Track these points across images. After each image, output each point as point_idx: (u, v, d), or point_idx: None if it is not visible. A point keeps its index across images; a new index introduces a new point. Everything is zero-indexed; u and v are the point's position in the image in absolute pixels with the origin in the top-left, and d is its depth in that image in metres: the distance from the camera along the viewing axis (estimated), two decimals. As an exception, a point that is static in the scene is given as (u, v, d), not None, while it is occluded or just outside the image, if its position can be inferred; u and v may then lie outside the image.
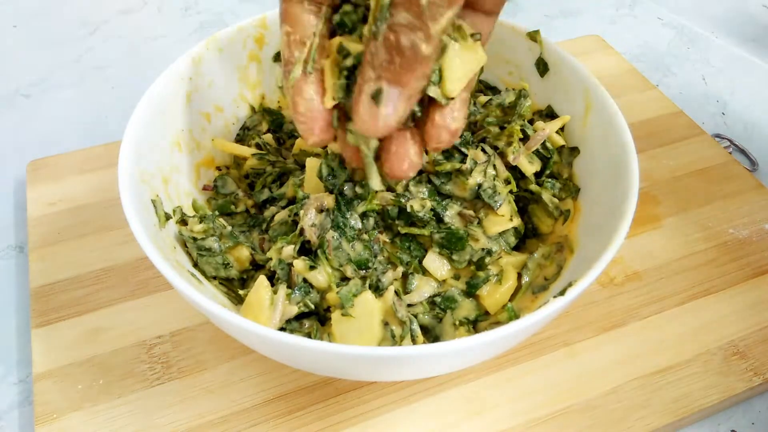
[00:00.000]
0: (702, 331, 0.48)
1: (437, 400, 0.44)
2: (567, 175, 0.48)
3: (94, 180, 0.57)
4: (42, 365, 0.45)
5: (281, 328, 0.40)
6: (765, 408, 0.46)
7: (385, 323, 0.39)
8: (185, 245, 0.43)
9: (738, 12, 0.85)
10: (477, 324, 0.43)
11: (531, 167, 0.46)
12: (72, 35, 0.79)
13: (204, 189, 0.49)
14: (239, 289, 0.43)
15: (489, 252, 0.43)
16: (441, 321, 0.43)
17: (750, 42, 0.80)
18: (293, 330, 0.41)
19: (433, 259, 0.43)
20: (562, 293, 0.36)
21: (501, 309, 0.43)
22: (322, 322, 0.42)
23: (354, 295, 0.40)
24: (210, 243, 0.43)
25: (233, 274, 0.44)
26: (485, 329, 0.41)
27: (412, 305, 0.43)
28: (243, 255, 0.44)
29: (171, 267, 0.35)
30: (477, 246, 0.43)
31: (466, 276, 0.44)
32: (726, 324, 0.48)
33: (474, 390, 0.44)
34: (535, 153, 0.47)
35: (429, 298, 0.43)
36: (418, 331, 0.40)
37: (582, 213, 0.45)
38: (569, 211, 0.46)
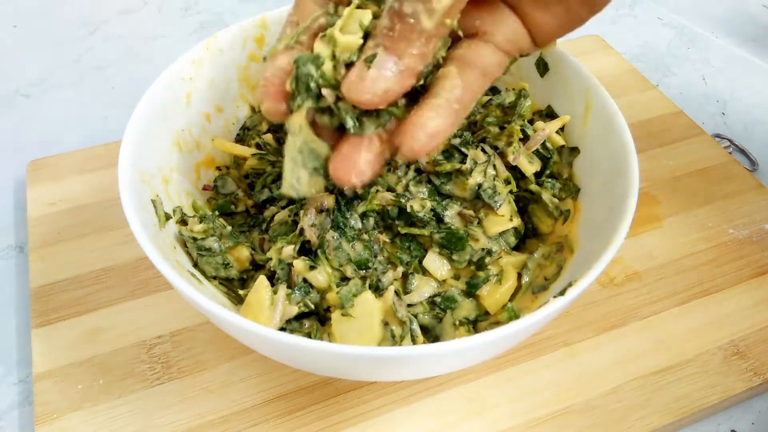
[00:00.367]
0: (702, 331, 0.48)
1: (437, 400, 0.44)
2: (567, 175, 0.48)
3: (94, 180, 0.57)
4: (42, 365, 0.45)
5: (281, 328, 0.40)
6: (765, 408, 0.46)
7: (385, 323, 0.39)
8: (185, 245, 0.43)
9: (738, 12, 0.85)
10: (477, 324, 0.43)
11: (531, 167, 0.46)
12: (72, 35, 0.79)
13: (204, 189, 0.49)
14: (239, 289, 0.43)
15: (489, 252, 0.43)
16: (441, 321, 0.43)
17: (750, 42, 0.80)
18: (293, 330, 0.41)
19: (433, 259, 0.43)
20: (562, 293, 0.36)
21: (501, 309, 0.43)
22: (322, 322, 0.42)
23: (354, 295, 0.40)
24: (210, 243, 0.43)
25: (233, 274, 0.44)
26: (485, 329, 0.41)
27: (412, 305, 0.43)
28: (243, 255, 0.44)
29: (171, 267, 0.35)
30: (477, 246, 0.43)
31: (466, 276, 0.44)
32: (726, 324, 0.48)
33: (474, 390, 0.44)
34: (535, 153, 0.47)
35: (429, 298, 0.43)
36: (418, 331, 0.40)
37: (582, 213, 0.45)
38: (569, 211, 0.46)
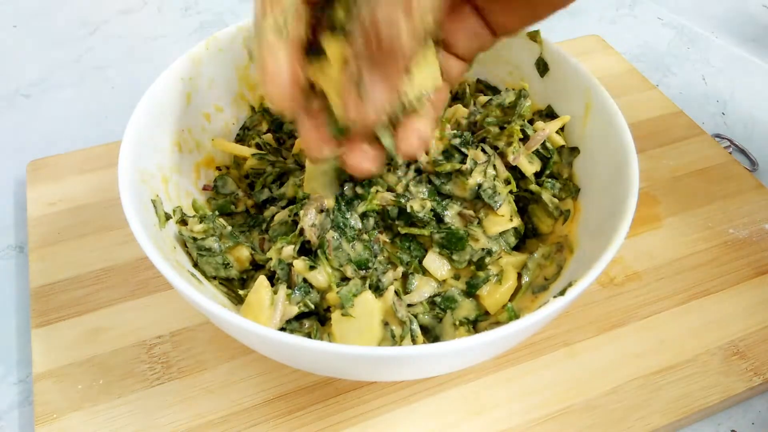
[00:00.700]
0: (702, 331, 0.48)
1: (437, 400, 0.44)
2: (567, 175, 0.48)
3: (94, 180, 0.57)
4: (42, 365, 0.45)
5: (281, 328, 0.40)
6: (765, 408, 0.47)
7: (385, 323, 0.39)
8: (185, 245, 0.43)
9: (738, 12, 0.85)
10: (477, 324, 0.43)
11: (531, 167, 0.46)
12: (72, 35, 0.79)
13: (204, 189, 0.49)
14: (239, 289, 0.43)
15: (489, 252, 0.43)
16: (441, 321, 0.43)
17: (750, 42, 0.80)
18: (293, 330, 0.41)
19: (433, 259, 0.43)
20: (562, 293, 0.36)
21: (501, 309, 0.43)
22: (322, 322, 0.42)
23: (354, 295, 0.40)
24: (210, 243, 0.43)
25: (233, 274, 0.44)
26: (485, 329, 0.41)
27: (412, 305, 0.43)
28: (243, 255, 0.44)
29: (171, 267, 0.35)
30: (477, 246, 0.43)
31: (466, 276, 0.44)
32: (726, 324, 0.48)
33: (474, 390, 0.44)
34: (535, 153, 0.47)
35: (429, 298, 0.43)
36: (418, 331, 0.40)
37: (582, 213, 0.45)
38: (569, 211, 0.46)
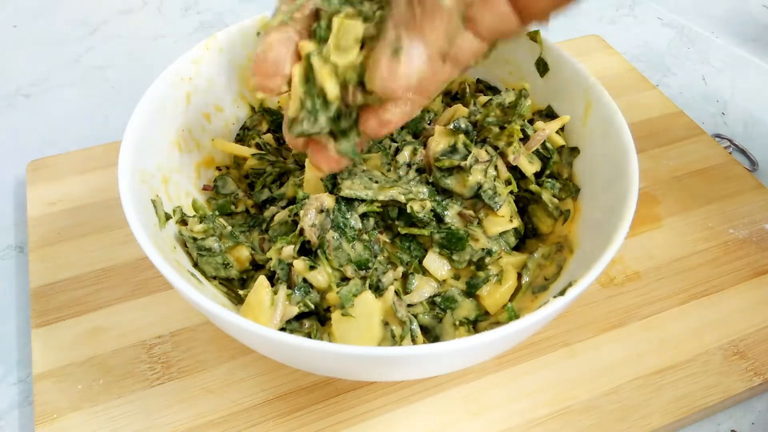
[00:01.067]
0: (702, 331, 0.48)
1: (437, 400, 0.44)
2: (567, 175, 0.48)
3: (94, 180, 0.57)
4: (42, 365, 0.45)
5: (281, 328, 0.40)
6: (765, 408, 0.46)
7: (385, 323, 0.39)
8: (185, 245, 0.43)
9: (738, 12, 0.85)
10: (477, 324, 0.43)
11: (531, 167, 0.46)
12: (72, 35, 0.79)
13: (204, 189, 0.49)
14: (239, 289, 0.43)
15: (489, 252, 0.43)
16: (441, 321, 0.43)
17: (750, 42, 0.80)
18: (293, 330, 0.41)
19: (433, 259, 0.43)
20: (562, 293, 0.36)
21: (501, 309, 0.43)
22: (322, 322, 0.42)
23: (354, 295, 0.40)
24: (210, 243, 0.43)
25: (233, 274, 0.44)
26: (485, 329, 0.41)
27: (412, 305, 0.43)
28: (243, 255, 0.44)
29: (171, 267, 0.35)
30: (477, 246, 0.43)
31: (466, 276, 0.44)
32: (726, 324, 0.48)
33: (474, 390, 0.44)
34: (535, 153, 0.47)
35: (429, 298, 0.43)
36: (418, 331, 0.40)
37: (582, 213, 0.45)
38: (569, 211, 0.46)
